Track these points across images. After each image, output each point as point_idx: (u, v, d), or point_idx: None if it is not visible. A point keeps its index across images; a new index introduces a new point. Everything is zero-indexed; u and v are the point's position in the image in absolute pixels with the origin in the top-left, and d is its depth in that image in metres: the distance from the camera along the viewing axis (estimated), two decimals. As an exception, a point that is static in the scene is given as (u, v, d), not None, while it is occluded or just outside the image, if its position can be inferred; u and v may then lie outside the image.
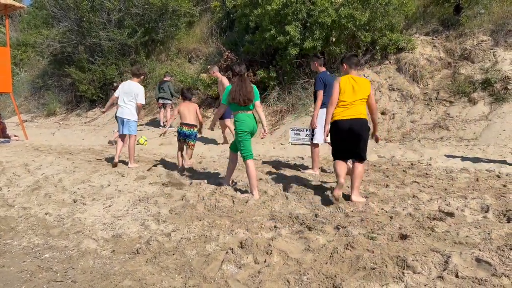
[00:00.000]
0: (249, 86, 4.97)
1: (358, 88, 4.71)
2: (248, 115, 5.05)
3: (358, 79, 4.80)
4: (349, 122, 4.61)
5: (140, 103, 6.87)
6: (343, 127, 4.63)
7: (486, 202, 4.22)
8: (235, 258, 3.10)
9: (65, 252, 3.51)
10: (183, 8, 15.51)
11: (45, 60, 19.13)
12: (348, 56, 5.00)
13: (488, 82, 9.03)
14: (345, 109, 4.64)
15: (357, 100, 4.67)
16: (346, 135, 4.64)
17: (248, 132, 5.03)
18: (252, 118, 5.08)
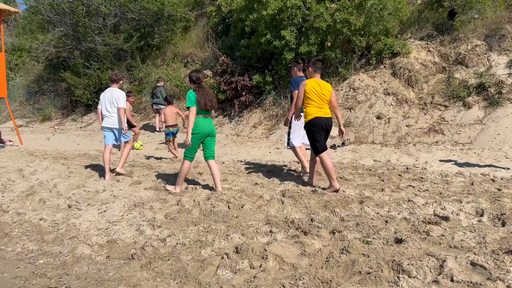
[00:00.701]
0: (211, 93, 5.38)
1: (322, 91, 5.34)
2: (206, 120, 5.31)
3: (322, 83, 5.43)
4: (325, 119, 5.35)
5: (120, 106, 6.42)
6: (321, 123, 5.32)
7: (481, 206, 4.24)
8: (230, 263, 3.09)
9: (59, 258, 3.49)
10: (179, 13, 15.54)
11: (41, 65, 19.09)
12: (314, 61, 5.50)
13: (482, 87, 9.11)
14: (319, 109, 5.32)
15: (323, 102, 5.36)
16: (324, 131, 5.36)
17: (202, 136, 5.32)
18: (210, 123, 5.36)
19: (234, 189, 5.42)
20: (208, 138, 5.41)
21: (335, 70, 11.14)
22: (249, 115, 11.92)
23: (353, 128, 9.58)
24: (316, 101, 5.31)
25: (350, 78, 10.83)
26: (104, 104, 6.52)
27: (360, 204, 4.59)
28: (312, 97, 5.30)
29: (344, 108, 10.22)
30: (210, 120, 5.38)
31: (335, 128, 9.69)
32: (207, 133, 5.33)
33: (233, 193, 5.18)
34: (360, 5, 10.03)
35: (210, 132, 5.36)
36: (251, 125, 11.48)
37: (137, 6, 14.81)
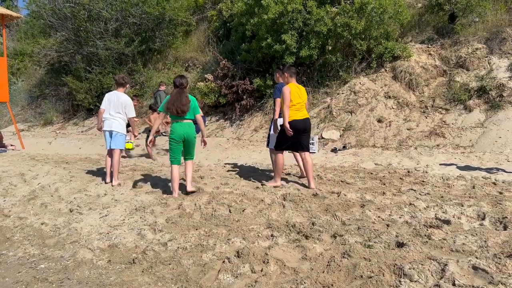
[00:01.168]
0: (185, 98, 5.38)
1: (301, 94, 5.78)
2: (181, 124, 5.41)
3: (300, 86, 5.87)
4: (303, 121, 5.75)
5: (131, 116, 6.48)
6: (300, 125, 5.70)
7: (482, 210, 4.23)
8: (231, 268, 3.09)
9: (60, 263, 3.49)
10: (180, 17, 15.60)
11: (42, 69, 19.15)
12: (288, 66, 5.96)
13: (483, 90, 9.10)
14: (297, 111, 5.70)
15: (302, 104, 5.77)
16: (301, 132, 5.75)
17: (178, 140, 5.43)
18: (184, 127, 5.41)
19: (235, 193, 5.43)
20: (186, 142, 5.51)
21: (336, 74, 11.15)
22: (250, 119, 11.92)
23: (354, 132, 9.58)
24: (295, 105, 5.68)
25: (351, 82, 10.84)
26: (109, 107, 6.38)
27: (362, 208, 4.59)
28: (294, 101, 5.66)
29: (345, 111, 10.22)
30: (186, 125, 5.43)
31: (336, 132, 9.73)
32: (181, 137, 5.41)
33: (234, 197, 5.18)
34: (360, 9, 10.05)
35: (185, 136, 5.42)
36: (252, 129, 11.49)
37: (138, 10, 14.87)
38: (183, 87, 5.44)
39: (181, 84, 5.41)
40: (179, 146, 5.47)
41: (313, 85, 11.29)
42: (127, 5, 14.87)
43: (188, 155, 5.64)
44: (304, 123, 5.76)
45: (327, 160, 8.39)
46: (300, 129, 5.71)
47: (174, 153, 5.48)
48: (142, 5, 14.89)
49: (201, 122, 5.63)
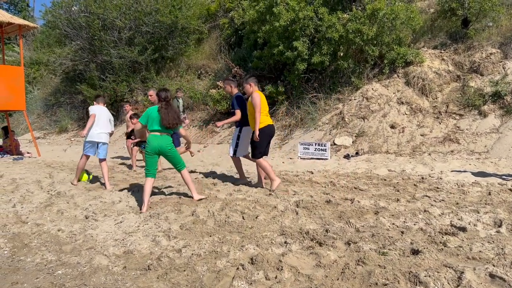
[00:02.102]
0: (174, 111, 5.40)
1: (265, 101, 6.27)
2: (156, 137, 5.31)
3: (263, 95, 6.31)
4: (274, 127, 6.30)
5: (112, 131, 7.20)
6: (272, 129, 6.22)
7: (499, 217, 4.17)
8: (246, 274, 3.10)
9: (77, 269, 3.54)
10: (192, 26, 15.78)
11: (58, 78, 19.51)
12: (252, 76, 6.48)
13: (498, 95, 9.01)
14: (267, 117, 6.19)
15: (267, 110, 6.26)
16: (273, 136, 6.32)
17: (152, 153, 5.32)
18: (158, 140, 5.29)
19: (248, 200, 5.44)
20: (164, 155, 5.40)
21: (348, 80, 11.14)
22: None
23: (367, 138, 9.54)
24: (265, 111, 6.15)
25: (363, 88, 10.81)
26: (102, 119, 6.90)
27: (376, 215, 4.56)
28: (264, 107, 6.12)
29: (358, 117, 10.19)
30: (160, 138, 5.32)
31: (348, 138, 9.70)
32: (155, 150, 5.30)
33: (247, 204, 5.19)
34: (372, 15, 10.05)
35: (159, 149, 5.31)
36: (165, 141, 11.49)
37: (151, 19, 15.09)
38: (168, 100, 5.39)
39: (166, 98, 5.37)
40: (153, 159, 5.35)
41: (325, 91, 11.29)
42: (140, 14, 15.10)
43: (176, 166, 5.56)
44: (274, 128, 6.37)
45: (340, 166, 8.36)
46: (273, 133, 6.31)
47: (147, 165, 5.37)
48: (155, 14, 15.11)
49: (186, 136, 5.75)
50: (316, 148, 9.30)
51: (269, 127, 6.12)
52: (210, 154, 10.75)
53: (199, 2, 17.33)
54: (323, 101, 11.11)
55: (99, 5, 15.14)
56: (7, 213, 5.23)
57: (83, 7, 15.78)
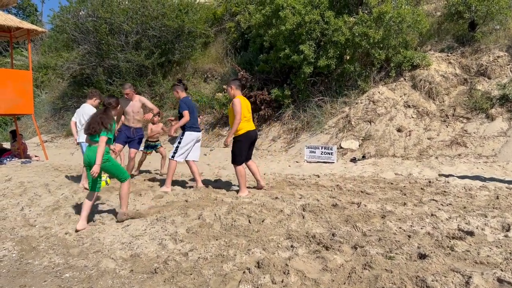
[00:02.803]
0: (95, 117, 4.81)
1: (248, 106, 6.21)
2: (88, 148, 4.77)
3: (245, 99, 6.29)
4: (255, 131, 6.27)
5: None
6: (252, 135, 6.19)
7: (507, 221, 4.14)
8: (252, 278, 3.10)
9: (84, 272, 3.56)
10: (199, 29, 15.86)
11: (65, 81, 19.66)
12: (235, 79, 6.46)
13: (506, 98, 8.95)
14: (248, 122, 6.12)
15: (250, 115, 6.20)
16: (254, 141, 6.35)
17: (86, 166, 4.82)
18: (89, 151, 4.71)
19: (254, 203, 5.44)
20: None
21: (354, 83, 11.13)
22: (268, 129, 11.97)
23: (373, 141, 9.52)
24: (246, 116, 6.08)
25: (369, 91, 10.79)
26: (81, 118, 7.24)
27: (382, 219, 4.54)
28: (245, 113, 6.05)
29: (364, 121, 10.16)
30: (91, 149, 4.71)
31: (355, 142, 9.67)
32: (86, 163, 4.78)
33: (253, 207, 5.19)
34: (378, 18, 10.04)
35: (88, 162, 4.72)
36: (270, 139, 11.53)
37: (158, 23, 15.19)
38: (107, 107, 4.92)
39: (108, 104, 4.93)
40: (88, 172, 4.76)
41: (331, 94, 11.28)
42: (147, 19, 15.21)
43: (117, 177, 4.99)
44: (255, 133, 6.36)
45: (346, 170, 8.34)
46: (253, 139, 6.30)
47: (88, 177, 4.87)
48: (161, 18, 15.21)
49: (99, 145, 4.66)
50: (322, 151, 9.29)
51: (248, 133, 6.09)
52: (216, 157, 10.77)
53: (205, 6, 17.41)
54: (330, 105, 11.10)
55: (107, 9, 15.27)
56: (15, 216, 5.28)
57: (90, 12, 15.91)
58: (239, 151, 6.13)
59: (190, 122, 6.53)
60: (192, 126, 6.59)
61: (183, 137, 6.58)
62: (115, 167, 4.91)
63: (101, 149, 4.59)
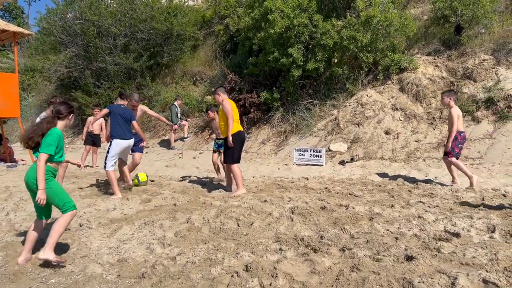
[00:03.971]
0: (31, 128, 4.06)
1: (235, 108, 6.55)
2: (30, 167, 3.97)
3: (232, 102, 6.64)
4: (243, 133, 6.60)
5: None
6: (243, 136, 6.55)
7: (492, 222, 4.19)
8: (240, 282, 3.10)
9: (71, 277, 3.52)
10: (188, 32, 15.83)
11: (52, 85, 19.46)
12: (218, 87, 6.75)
13: (491, 101, 9.07)
14: (238, 124, 6.49)
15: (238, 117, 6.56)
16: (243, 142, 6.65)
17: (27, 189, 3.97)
18: (28, 171, 3.92)
19: (243, 207, 5.43)
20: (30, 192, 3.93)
21: (343, 86, 11.19)
22: (258, 132, 11.97)
23: (361, 144, 9.58)
24: (236, 118, 6.44)
25: (357, 94, 10.86)
26: None
27: (370, 221, 4.57)
28: (235, 115, 6.44)
29: (352, 124, 10.23)
30: (30, 168, 3.93)
31: (343, 144, 9.72)
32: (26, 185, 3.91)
33: (242, 211, 5.19)
34: (366, 22, 10.12)
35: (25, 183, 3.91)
36: (260, 142, 11.53)
37: (147, 26, 15.13)
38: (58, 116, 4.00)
39: (58, 112, 4.00)
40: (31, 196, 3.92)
41: (320, 97, 11.33)
42: (136, 21, 15.14)
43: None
44: (245, 135, 6.74)
45: (335, 172, 8.38)
46: (244, 140, 6.68)
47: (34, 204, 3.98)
48: (150, 21, 15.15)
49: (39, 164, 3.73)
50: (311, 154, 9.32)
51: (239, 133, 6.42)
52: (205, 161, 10.74)
53: (194, 9, 17.40)
54: (318, 108, 11.15)
55: (94, 12, 15.15)
56: (0, 221, 5.20)
57: (78, 14, 15.77)
58: (232, 150, 6.36)
59: (117, 130, 6.47)
60: (119, 134, 6.45)
61: (111, 145, 6.53)
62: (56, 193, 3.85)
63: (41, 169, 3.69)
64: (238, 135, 6.39)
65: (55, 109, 4.04)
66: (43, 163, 3.72)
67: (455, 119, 6.58)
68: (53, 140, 3.81)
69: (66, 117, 4.07)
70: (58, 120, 4.01)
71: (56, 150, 3.85)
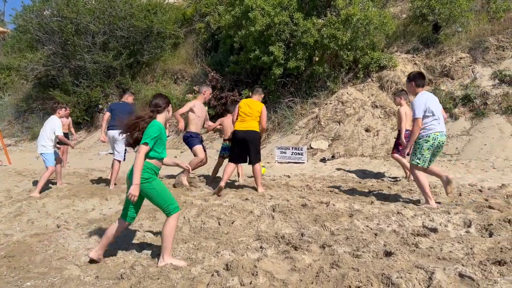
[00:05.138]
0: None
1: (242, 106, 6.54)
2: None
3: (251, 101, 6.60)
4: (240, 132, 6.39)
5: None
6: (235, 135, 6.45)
7: (468, 217, 4.27)
8: (220, 281, 3.08)
9: (47, 280, 3.44)
10: (168, 30, 15.67)
11: (29, 83, 19.02)
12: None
13: (468, 98, 9.25)
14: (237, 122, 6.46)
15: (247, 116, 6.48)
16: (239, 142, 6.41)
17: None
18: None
19: (224, 205, 5.41)
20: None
21: (324, 84, 11.26)
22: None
23: (342, 141, 9.65)
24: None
25: (338, 92, 10.94)
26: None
27: (350, 218, 4.61)
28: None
29: (333, 121, 10.30)
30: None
31: (324, 142, 9.78)
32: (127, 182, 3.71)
33: (223, 209, 5.17)
34: (346, 20, 10.19)
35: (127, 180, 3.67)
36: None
37: (126, 24, 14.92)
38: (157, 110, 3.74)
39: (155, 106, 3.74)
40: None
41: (301, 95, 11.38)
42: (115, 19, 14.91)
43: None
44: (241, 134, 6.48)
45: (316, 170, 8.42)
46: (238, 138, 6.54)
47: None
48: (129, 19, 14.94)
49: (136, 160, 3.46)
50: (293, 152, 9.35)
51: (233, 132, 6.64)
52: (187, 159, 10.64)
53: (174, 6, 17.23)
54: (300, 105, 11.19)
55: (72, 9, 14.87)
56: (-26, 224, 5.06)
57: (55, 11, 15.47)
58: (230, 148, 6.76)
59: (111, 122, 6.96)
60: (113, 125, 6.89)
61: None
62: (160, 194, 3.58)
63: (139, 162, 3.44)
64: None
65: (153, 102, 3.74)
66: (142, 154, 3.44)
67: (403, 116, 6.84)
68: (155, 132, 3.51)
69: (165, 109, 3.78)
70: (157, 114, 3.72)
71: (158, 146, 3.59)
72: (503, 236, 3.65)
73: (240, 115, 6.41)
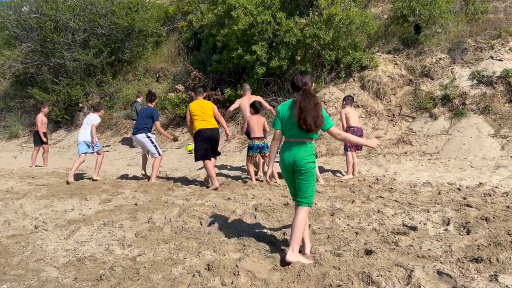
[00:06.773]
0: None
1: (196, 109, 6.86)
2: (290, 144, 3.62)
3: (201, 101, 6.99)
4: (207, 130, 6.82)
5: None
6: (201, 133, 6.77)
7: (447, 215, 4.35)
8: (201, 281, 3.06)
9: (24, 282, 3.36)
10: (150, 28, 15.52)
11: (7, 81, 18.61)
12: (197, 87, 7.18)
13: (447, 98, 9.42)
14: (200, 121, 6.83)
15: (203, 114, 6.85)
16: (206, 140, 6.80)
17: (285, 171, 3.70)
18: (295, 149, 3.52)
19: (206, 205, 5.38)
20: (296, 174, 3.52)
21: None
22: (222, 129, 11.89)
23: (324, 141, 9.71)
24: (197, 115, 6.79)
25: (320, 92, 11.01)
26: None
27: (331, 216, 4.64)
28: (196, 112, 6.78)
29: (316, 120, 10.34)
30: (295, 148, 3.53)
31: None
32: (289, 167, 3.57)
33: (205, 209, 5.14)
34: (328, 20, 10.26)
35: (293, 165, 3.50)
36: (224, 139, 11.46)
37: (107, 21, 14.71)
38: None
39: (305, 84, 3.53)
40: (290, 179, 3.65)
41: (284, 95, 11.40)
42: (95, 16, 14.69)
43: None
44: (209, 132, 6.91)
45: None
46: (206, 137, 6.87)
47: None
48: (110, 16, 14.74)
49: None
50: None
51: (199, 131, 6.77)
52: (169, 159, 10.58)
53: (156, 4, 17.08)
54: (282, 105, 11.20)
55: (51, 6, 14.60)
56: None
57: (34, 8, 15.16)
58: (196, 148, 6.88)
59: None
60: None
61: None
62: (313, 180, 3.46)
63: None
64: (199, 132, 6.82)
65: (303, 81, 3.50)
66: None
67: (342, 117, 7.59)
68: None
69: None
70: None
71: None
72: (480, 233, 3.72)
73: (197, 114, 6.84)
